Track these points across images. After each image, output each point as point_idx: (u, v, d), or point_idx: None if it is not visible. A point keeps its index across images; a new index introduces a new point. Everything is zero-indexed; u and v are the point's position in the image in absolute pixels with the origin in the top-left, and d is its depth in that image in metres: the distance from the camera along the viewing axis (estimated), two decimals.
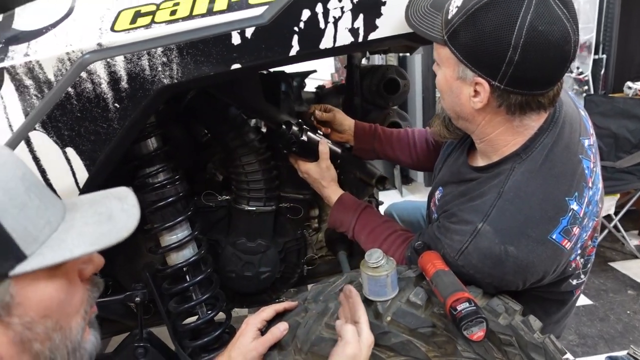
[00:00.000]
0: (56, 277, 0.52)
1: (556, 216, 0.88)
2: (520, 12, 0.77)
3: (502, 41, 0.79)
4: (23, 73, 0.84)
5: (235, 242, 1.37)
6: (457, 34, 0.84)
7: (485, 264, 0.89)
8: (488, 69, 0.83)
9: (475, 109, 0.89)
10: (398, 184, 3.79)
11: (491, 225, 0.88)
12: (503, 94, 0.85)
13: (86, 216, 0.55)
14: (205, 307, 1.22)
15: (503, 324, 0.87)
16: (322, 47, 0.95)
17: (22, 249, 0.48)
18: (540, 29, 0.78)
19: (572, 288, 1.06)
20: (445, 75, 0.91)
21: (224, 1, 0.90)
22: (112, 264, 1.31)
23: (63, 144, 0.87)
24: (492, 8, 0.79)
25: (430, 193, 1.17)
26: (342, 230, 1.25)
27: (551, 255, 0.89)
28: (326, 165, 1.25)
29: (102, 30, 0.85)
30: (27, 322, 0.50)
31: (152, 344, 1.21)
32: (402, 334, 0.86)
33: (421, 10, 0.91)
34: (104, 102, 0.86)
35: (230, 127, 1.26)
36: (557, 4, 0.79)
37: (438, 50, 0.91)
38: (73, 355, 0.55)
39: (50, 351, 0.53)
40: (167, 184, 1.12)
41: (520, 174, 0.90)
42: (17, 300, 0.49)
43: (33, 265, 0.48)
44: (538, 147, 0.91)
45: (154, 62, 0.86)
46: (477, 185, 0.96)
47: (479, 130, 0.94)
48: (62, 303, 0.53)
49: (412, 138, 1.40)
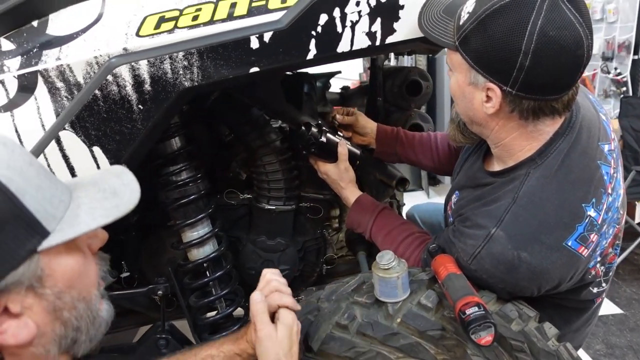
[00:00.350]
0: (73, 251, 0.58)
1: (572, 223, 0.87)
2: (531, 18, 0.77)
3: (513, 47, 0.79)
4: (55, 76, 0.89)
5: (255, 240, 1.40)
6: (468, 40, 0.84)
7: (498, 269, 0.88)
8: (499, 74, 0.83)
9: (487, 114, 0.88)
10: (425, 185, 3.76)
11: (504, 231, 0.88)
12: (515, 99, 0.84)
13: (92, 193, 0.60)
14: (225, 302, 1.25)
15: (515, 330, 0.87)
16: (339, 51, 0.97)
17: (44, 226, 0.53)
18: (551, 34, 0.77)
19: (593, 296, 1.04)
20: (457, 80, 0.91)
21: (245, 6, 0.92)
22: (137, 258, 1.37)
23: (90, 143, 0.92)
24: (502, 14, 0.79)
25: (447, 197, 1.17)
26: (360, 231, 1.26)
27: (566, 263, 0.88)
28: (345, 166, 1.26)
29: (127, 36, 0.89)
30: (57, 292, 0.56)
31: (174, 336, 1.26)
32: (411, 335, 0.87)
33: (434, 16, 0.91)
34: (128, 104, 0.91)
35: (252, 128, 1.30)
36: (570, 9, 0.78)
37: (450, 55, 0.91)
38: (93, 323, 0.61)
39: (76, 319, 0.58)
40: (189, 182, 1.16)
41: (535, 180, 0.89)
42: (46, 272, 0.54)
43: (57, 240, 0.53)
44: (553, 153, 0.90)
45: (175, 65, 0.89)
46: (492, 190, 0.95)
47: (493, 135, 0.94)
48: (81, 274, 0.59)
49: (434, 142, 1.40)
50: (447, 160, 1.37)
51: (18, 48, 0.91)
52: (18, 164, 0.53)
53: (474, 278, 0.92)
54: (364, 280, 0.98)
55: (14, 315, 0.54)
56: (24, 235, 0.52)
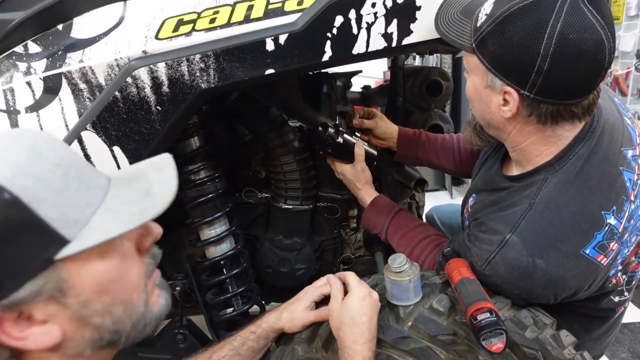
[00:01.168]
0: (107, 256, 0.54)
1: (590, 230, 0.85)
2: (550, 20, 0.75)
3: (531, 50, 0.77)
4: (78, 78, 0.92)
5: (272, 239, 1.42)
6: (485, 43, 0.82)
7: (512, 275, 0.87)
8: (516, 78, 0.81)
9: (505, 117, 0.87)
10: (448, 184, 3.71)
11: (520, 237, 0.86)
12: (533, 103, 0.82)
13: (125, 194, 0.56)
14: (241, 299, 1.27)
15: (529, 337, 0.85)
16: (354, 53, 0.97)
17: (62, 234, 0.50)
18: (571, 37, 0.75)
19: (614, 305, 1.01)
20: (474, 83, 0.89)
21: (261, 9, 0.93)
22: None
23: (110, 143, 0.95)
24: (520, 16, 0.77)
25: (464, 199, 1.16)
26: (375, 232, 1.26)
27: (584, 271, 0.86)
28: (361, 167, 1.26)
29: (147, 38, 0.91)
30: (83, 301, 0.52)
31: (191, 332, 1.29)
32: (422, 339, 0.86)
33: (451, 17, 0.90)
34: (147, 105, 0.93)
35: (270, 128, 1.31)
36: (591, 11, 0.75)
37: (467, 58, 0.90)
38: (137, 325, 0.58)
39: (112, 323, 0.55)
40: (207, 181, 1.18)
41: (552, 185, 0.87)
42: (70, 283, 0.51)
43: (77, 248, 0.50)
44: (572, 158, 0.87)
45: (192, 68, 0.91)
46: (509, 195, 0.94)
47: (511, 139, 0.92)
48: (116, 280, 0.55)
49: (456, 144, 1.38)
50: (468, 162, 1.35)
51: (44, 51, 0.94)
52: (38, 169, 0.51)
53: (488, 283, 0.91)
54: (377, 282, 0.98)
55: (38, 322, 0.52)
56: (38, 245, 0.49)
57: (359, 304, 0.85)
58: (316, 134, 1.26)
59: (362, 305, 0.85)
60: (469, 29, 0.87)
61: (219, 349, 0.91)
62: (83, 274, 0.52)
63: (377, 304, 0.87)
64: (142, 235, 0.59)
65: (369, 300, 0.86)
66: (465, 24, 0.88)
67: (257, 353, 0.94)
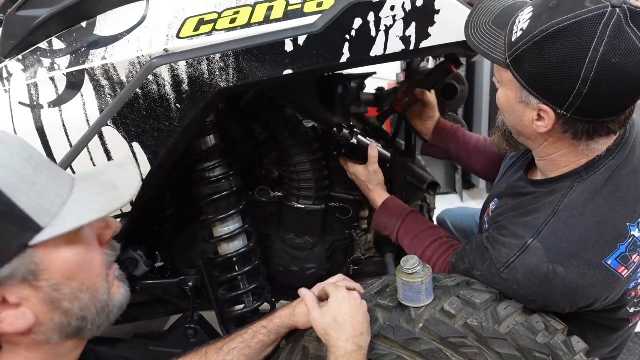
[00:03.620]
0: (74, 244, 0.58)
1: (614, 241, 0.84)
2: (592, 44, 0.72)
3: (571, 74, 0.74)
4: (100, 74, 0.94)
5: (284, 238, 1.43)
6: (522, 61, 0.79)
7: (531, 281, 0.87)
8: (554, 98, 0.79)
9: (538, 132, 0.85)
10: (459, 188, 3.69)
11: (542, 243, 0.86)
12: (569, 122, 0.81)
13: (92, 187, 0.61)
14: (252, 296, 1.28)
15: (540, 342, 0.86)
16: (372, 55, 0.97)
17: (36, 222, 0.54)
18: (614, 61, 0.72)
19: (629, 316, 1.01)
20: (507, 95, 0.87)
21: (281, 10, 0.94)
22: (171, 249, 1.42)
23: (130, 139, 0.97)
24: (561, 37, 0.74)
25: (485, 203, 1.15)
26: (386, 234, 1.26)
27: (604, 282, 0.85)
28: (374, 169, 1.27)
29: (168, 37, 0.93)
30: (54, 285, 0.56)
31: (202, 327, 1.30)
32: (432, 341, 0.87)
33: (483, 27, 0.87)
34: (166, 103, 0.95)
35: (285, 127, 1.32)
36: (635, 32, 0.72)
37: (500, 71, 0.87)
38: (102, 312, 0.62)
39: (79, 309, 0.59)
40: (222, 179, 1.20)
41: (578, 193, 0.86)
42: (42, 267, 0.55)
43: (49, 235, 0.54)
44: (602, 168, 0.86)
45: (212, 67, 0.93)
46: (532, 200, 0.93)
47: (541, 150, 0.91)
48: (82, 266, 0.59)
49: (489, 147, 1.35)
50: (495, 166, 1.31)
51: (68, 47, 0.96)
52: (12, 161, 0.55)
53: (504, 288, 0.91)
54: (388, 283, 0.98)
55: (12, 306, 0.55)
56: (15, 231, 0.53)
57: (337, 305, 0.88)
58: (330, 134, 1.26)
59: (340, 306, 0.88)
60: (502, 41, 0.84)
61: (230, 341, 0.93)
62: (54, 259, 0.56)
63: (357, 302, 0.89)
64: (103, 228, 0.63)
65: (348, 299, 0.89)
66: (498, 35, 0.85)
67: (267, 347, 0.96)
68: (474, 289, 0.94)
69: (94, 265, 0.61)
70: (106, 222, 0.64)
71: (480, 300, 0.90)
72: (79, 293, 0.59)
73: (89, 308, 0.60)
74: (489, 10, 0.88)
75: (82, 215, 0.56)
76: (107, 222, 0.64)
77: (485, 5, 0.89)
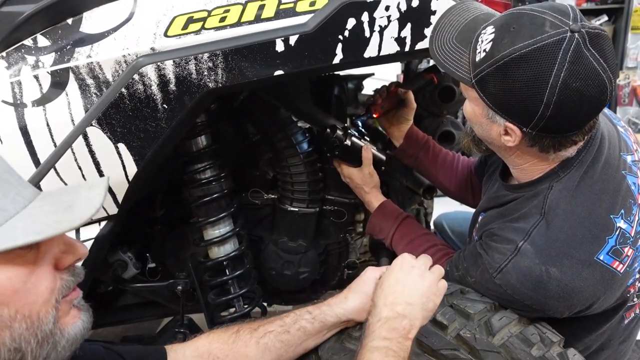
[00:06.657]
0: (12, 265, 0.52)
1: (601, 235, 0.84)
2: (554, 70, 0.74)
3: (534, 98, 0.77)
4: (85, 73, 0.91)
5: (277, 241, 1.40)
6: (486, 83, 0.82)
7: (524, 285, 0.86)
8: (519, 119, 0.81)
9: (506, 145, 0.87)
10: None
11: (532, 245, 0.86)
12: (535, 137, 0.83)
13: (50, 205, 0.55)
14: (243, 300, 1.26)
15: (535, 355, 0.83)
16: (366, 56, 0.95)
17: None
18: (574, 85, 0.75)
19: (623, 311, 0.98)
20: (474, 110, 0.89)
21: (272, 8, 0.92)
22: (161, 251, 1.40)
23: (115, 140, 0.94)
24: (523, 63, 0.76)
25: (472, 221, 1.13)
26: (380, 237, 1.24)
27: (600, 279, 0.85)
28: (369, 171, 1.24)
29: (156, 35, 0.90)
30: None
31: (192, 331, 1.28)
32: (424, 353, 0.84)
33: (447, 44, 0.88)
34: (153, 103, 0.92)
35: (278, 128, 1.29)
36: (594, 55, 0.75)
37: (466, 89, 0.88)
38: (44, 344, 0.55)
39: (11, 340, 0.52)
40: (213, 181, 1.17)
41: (558, 192, 0.87)
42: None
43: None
44: (576, 165, 0.88)
45: (200, 66, 0.90)
46: (517, 206, 0.93)
47: (511, 160, 0.93)
48: (18, 292, 0.52)
49: (456, 163, 1.35)
50: (462, 186, 1.33)
51: (53, 45, 0.94)
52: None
53: (499, 294, 0.90)
54: None
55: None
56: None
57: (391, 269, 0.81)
58: (324, 135, 1.24)
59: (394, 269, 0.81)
60: (467, 59, 0.86)
61: (268, 323, 0.84)
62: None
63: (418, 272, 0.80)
64: (63, 251, 0.57)
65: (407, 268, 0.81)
66: (462, 53, 0.86)
67: (310, 337, 0.85)
68: (468, 298, 0.91)
69: (37, 291, 0.54)
70: (69, 245, 0.57)
71: (474, 310, 0.87)
72: (12, 322, 0.52)
73: (25, 338, 0.53)
74: (452, 26, 0.89)
75: (17, 236, 0.50)
76: (70, 245, 0.57)
77: (448, 19, 0.90)
